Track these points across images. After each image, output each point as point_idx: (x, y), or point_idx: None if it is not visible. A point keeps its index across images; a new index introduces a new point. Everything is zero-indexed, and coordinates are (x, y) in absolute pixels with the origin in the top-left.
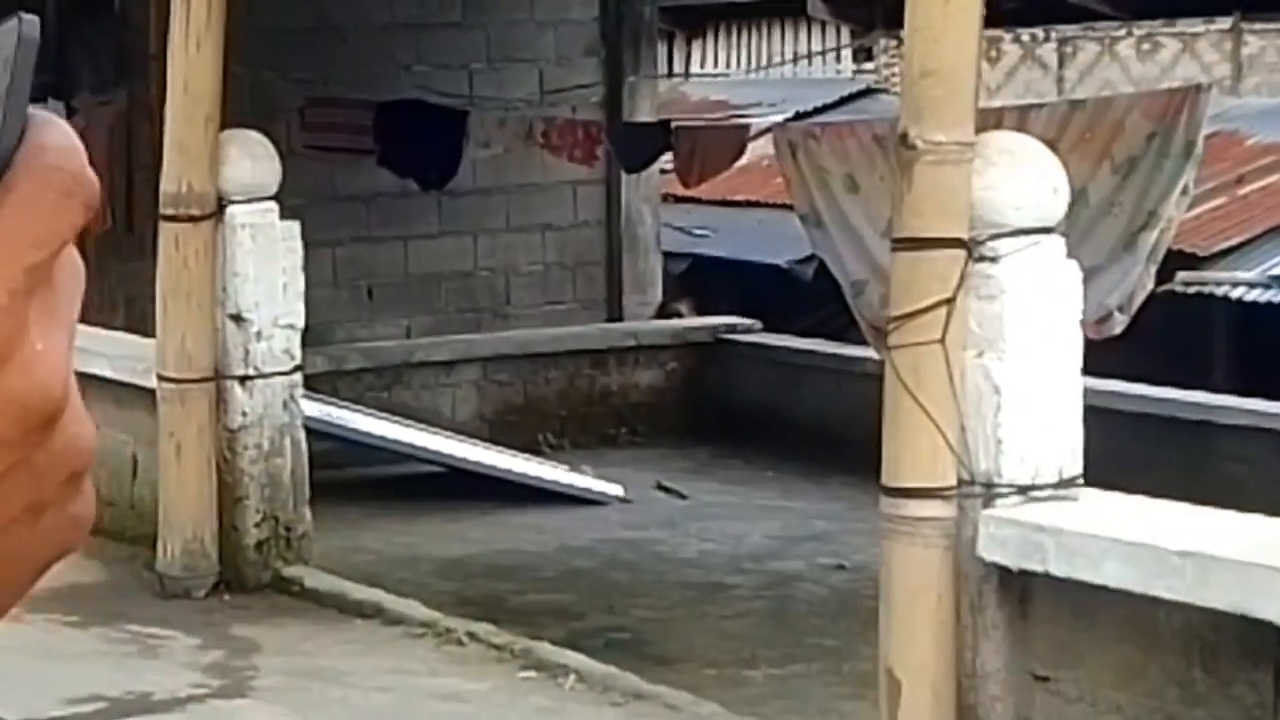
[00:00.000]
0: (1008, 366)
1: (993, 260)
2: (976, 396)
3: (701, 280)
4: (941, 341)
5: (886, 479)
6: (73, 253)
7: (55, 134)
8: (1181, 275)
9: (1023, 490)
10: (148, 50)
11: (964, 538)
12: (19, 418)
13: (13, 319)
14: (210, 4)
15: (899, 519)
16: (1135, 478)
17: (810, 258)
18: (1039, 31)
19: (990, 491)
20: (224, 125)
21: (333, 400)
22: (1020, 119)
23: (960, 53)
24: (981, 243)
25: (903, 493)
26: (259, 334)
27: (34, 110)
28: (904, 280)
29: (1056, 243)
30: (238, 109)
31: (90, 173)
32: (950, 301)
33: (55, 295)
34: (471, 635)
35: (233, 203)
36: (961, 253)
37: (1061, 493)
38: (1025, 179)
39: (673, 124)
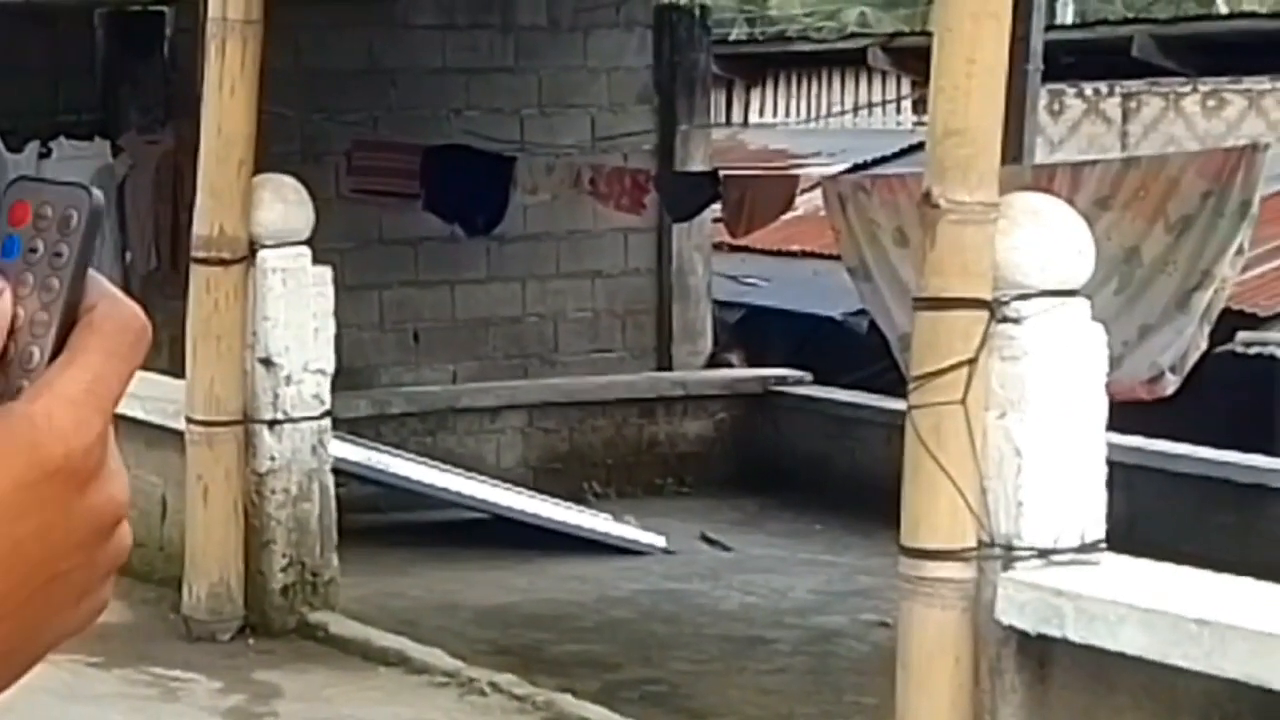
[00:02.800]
0: (1030, 428)
1: (1016, 321)
2: (998, 458)
3: (754, 330)
4: (963, 402)
5: (905, 539)
6: None
7: (114, 289)
8: (1242, 336)
9: (1043, 554)
10: (195, 91)
11: (983, 600)
12: (96, 527)
13: (104, 444)
14: (245, 50)
15: (918, 580)
16: (1186, 539)
17: (864, 310)
18: (1103, 86)
19: (1010, 554)
20: (268, 169)
21: (375, 445)
22: (1074, 176)
23: (985, 113)
24: (1005, 303)
25: (922, 554)
26: (288, 378)
27: (91, 273)
28: (926, 340)
29: (1081, 305)
30: (285, 151)
31: (147, 324)
32: (972, 362)
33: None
34: (494, 686)
35: (264, 247)
36: (984, 313)
37: (1083, 557)
38: (1051, 240)
39: (721, 174)
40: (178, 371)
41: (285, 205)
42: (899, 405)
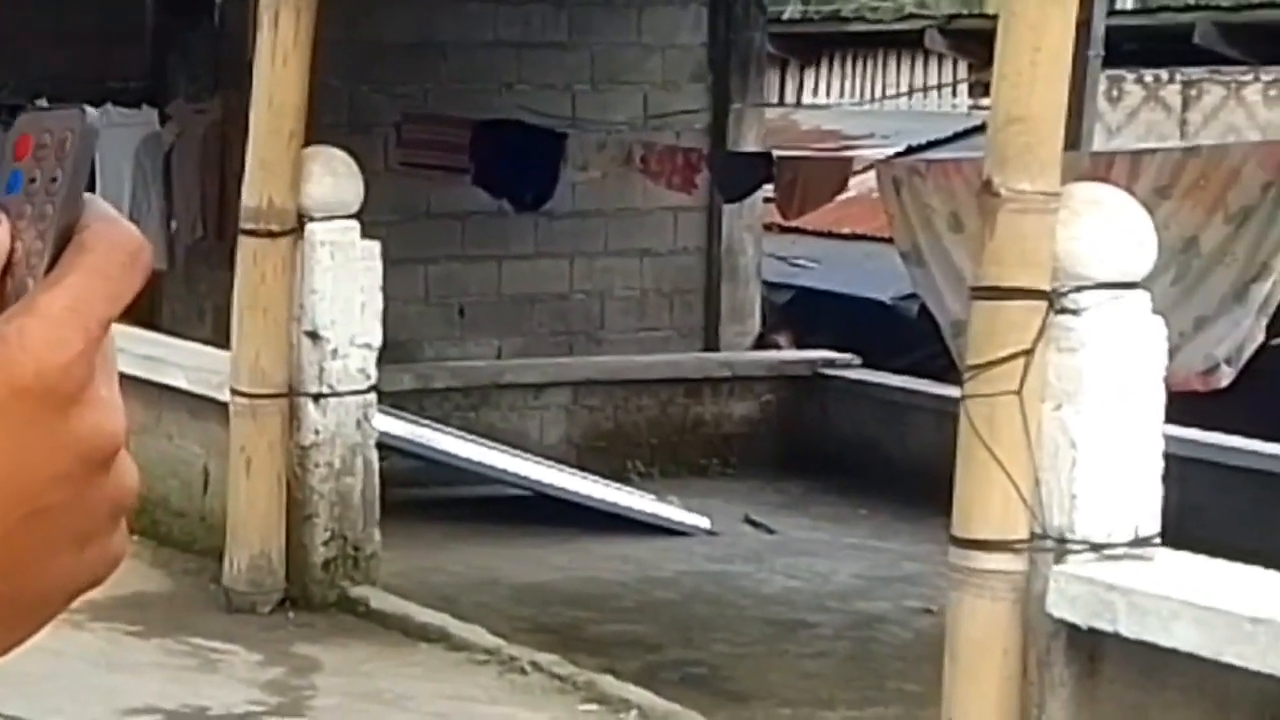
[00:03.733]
0: (1085, 420)
1: (1074, 313)
2: (1052, 450)
3: (803, 312)
4: (1018, 393)
5: (956, 529)
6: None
7: (112, 210)
8: None
9: (1096, 547)
10: (245, 59)
11: (1034, 593)
12: (83, 456)
13: (86, 365)
14: (299, 20)
15: (968, 570)
16: (1241, 534)
17: (916, 294)
18: (1163, 73)
19: (1063, 547)
20: (316, 139)
21: (418, 419)
22: (1133, 164)
23: (1048, 101)
24: (1064, 294)
25: (972, 544)
26: (335, 352)
27: (89, 196)
28: (982, 330)
29: (1141, 297)
30: (334, 122)
31: (147, 244)
32: (1029, 353)
33: (106, 352)
34: (535, 665)
35: (313, 219)
36: (1042, 304)
37: (1136, 551)
38: (1111, 231)
39: (774, 154)
40: (221, 341)
41: (335, 178)
42: (949, 391)
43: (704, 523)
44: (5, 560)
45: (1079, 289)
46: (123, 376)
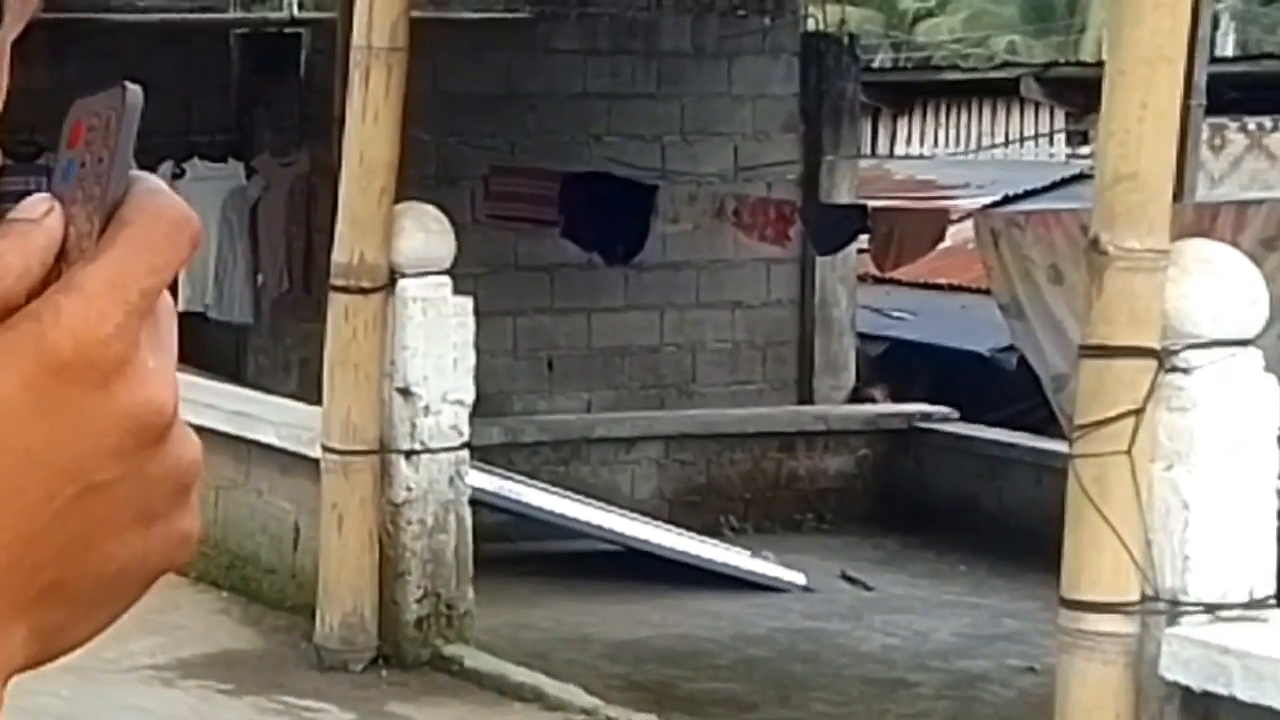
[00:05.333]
0: (1198, 480)
1: (1185, 371)
2: (1164, 510)
3: (898, 365)
4: (1128, 452)
5: (1066, 591)
6: (167, 295)
7: (160, 184)
8: None
9: (1210, 609)
10: (331, 112)
11: (1146, 656)
12: (133, 431)
13: (128, 337)
14: (390, 77)
15: (1078, 633)
16: None
17: (1014, 346)
18: (1266, 120)
19: (1175, 609)
20: (405, 192)
21: (507, 473)
22: (1239, 215)
23: (1156, 158)
24: (1174, 353)
25: (1083, 606)
26: (427, 409)
27: (137, 173)
28: (1091, 388)
29: (1254, 355)
30: (421, 175)
31: (192, 215)
32: (1139, 412)
33: (158, 324)
34: None
35: (405, 276)
36: (1152, 362)
37: (1251, 613)
38: (1223, 289)
39: (869, 206)
40: (307, 395)
41: (426, 234)
42: (1050, 445)
43: (799, 579)
44: (62, 541)
45: (1190, 347)
46: (212, 432)
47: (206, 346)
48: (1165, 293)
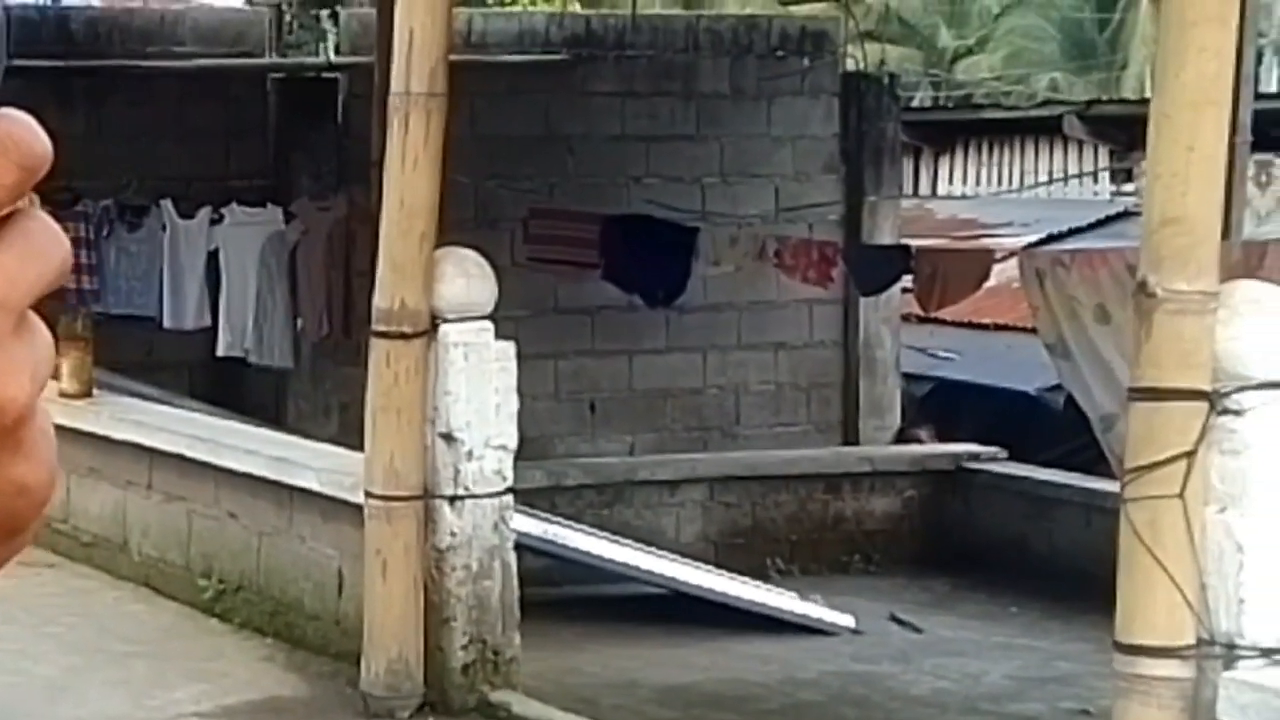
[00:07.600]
0: (1252, 523)
1: (1237, 413)
2: (1218, 553)
3: (943, 405)
4: (1181, 496)
5: (1120, 635)
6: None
7: (25, 118)
8: None
9: (1267, 653)
10: (369, 156)
11: (1202, 700)
12: None
13: None
14: (429, 122)
15: (1133, 677)
16: None
17: (1061, 385)
18: None
19: (1231, 653)
20: (444, 234)
21: (551, 517)
22: None
23: (1204, 200)
24: (1225, 395)
25: (1137, 650)
26: (470, 454)
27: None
28: (1141, 432)
29: None
30: (460, 217)
31: (38, 137)
32: (1191, 455)
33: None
34: None
35: (446, 321)
36: (1203, 405)
37: None
38: (1274, 330)
39: (913, 246)
40: (348, 439)
41: (468, 279)
42: (1099, 485)
43: (848, 621)
44: None
45: (1241, 389)
46: (253, 478)
47: (247, 391)
48: (1215, 334)
